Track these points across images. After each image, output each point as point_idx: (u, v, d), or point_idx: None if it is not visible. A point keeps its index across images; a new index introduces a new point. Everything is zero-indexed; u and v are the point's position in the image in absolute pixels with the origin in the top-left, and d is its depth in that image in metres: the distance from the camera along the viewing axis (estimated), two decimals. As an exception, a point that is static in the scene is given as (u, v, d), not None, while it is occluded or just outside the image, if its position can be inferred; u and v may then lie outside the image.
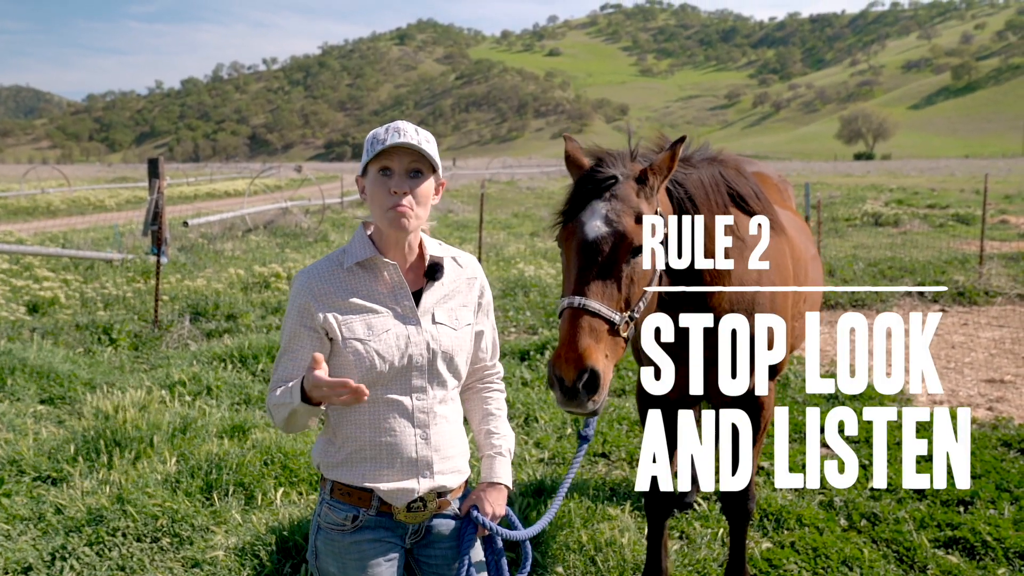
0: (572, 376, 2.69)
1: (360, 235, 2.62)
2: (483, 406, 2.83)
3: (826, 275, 13.41)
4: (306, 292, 2.53)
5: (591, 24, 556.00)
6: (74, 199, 33.60)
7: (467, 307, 2.69)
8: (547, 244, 18.49)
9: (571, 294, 2.84)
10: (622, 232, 2.94)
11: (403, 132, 2.50)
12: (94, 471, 5.48)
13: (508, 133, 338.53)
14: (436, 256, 2.66)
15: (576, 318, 2.77)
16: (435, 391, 2.59)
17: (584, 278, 2.85)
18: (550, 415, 6.82)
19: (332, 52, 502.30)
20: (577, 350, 2.72)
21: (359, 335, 2.50)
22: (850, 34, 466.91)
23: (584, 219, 2.96)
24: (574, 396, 2.73)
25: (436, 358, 2.57)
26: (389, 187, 2.48)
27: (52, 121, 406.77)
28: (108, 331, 9.32)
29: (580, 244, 2.92)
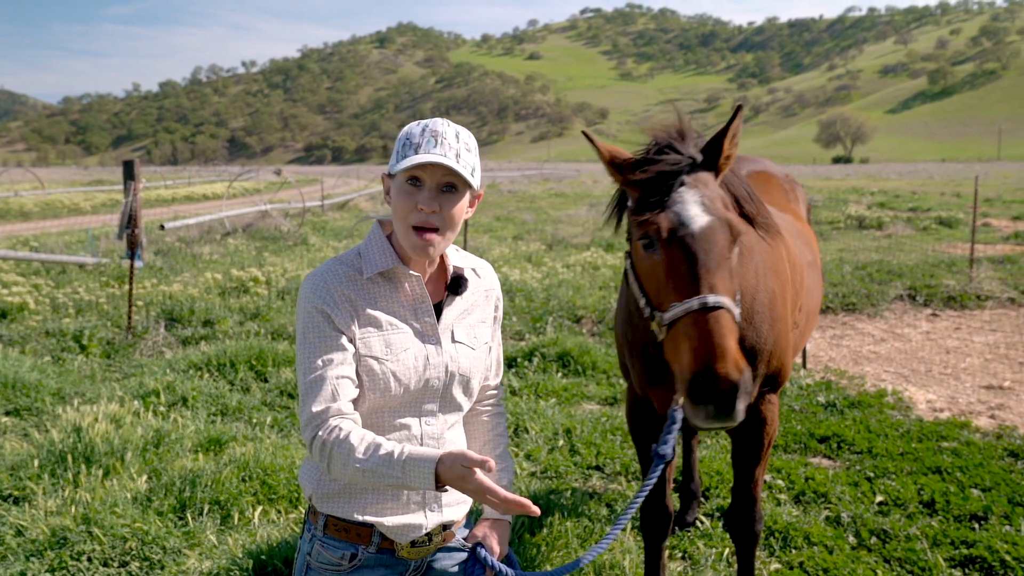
0: (737, 377, 2.37)
1: (378, 238, 2.30)
2: (486, 431, 2.56)
3: (815, 279, 13.22)
4: (324, 294, 2.20)
5: (571, 28, 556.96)
6: (48, 202, 33.00)
7: (485, 323, 2.42)
8: (531, 247, 18.24)
9: (700, 292, 2.50)
10: (725, 220, 2.66)
11: (440, 140, 2.17)
12: (59, 489, 5.17)
13: (489, 136, 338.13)
14: (459, 267, 2.38)
15: (721, 318, 2.46)
16: (446, 416, 2.32)
17: (707, 272, 2.53)
18: (541, 425, 6.55)
19: (312, 55, 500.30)
20: (733, 353, 2.42)
21: (376, 353, 2.20)
22: (828, 39, 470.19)
23: (680, 208, 2.64)
24: (731, 405, 2.40)
25: (453, 381, 2.30)
26: (416, 202, 2.17)
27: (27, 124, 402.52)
28: (78, 338, 8.96)
29: (688, 236, 2.58)
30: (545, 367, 8.31)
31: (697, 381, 2.41)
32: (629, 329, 3.44)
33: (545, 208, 31.80)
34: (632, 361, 3.50)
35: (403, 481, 2.03)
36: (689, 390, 2.44)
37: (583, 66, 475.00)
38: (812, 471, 5.65)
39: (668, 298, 2.58)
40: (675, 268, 2.58)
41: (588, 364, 8.34)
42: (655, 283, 2.66)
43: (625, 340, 3.52)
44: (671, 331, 2.55)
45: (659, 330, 2.61)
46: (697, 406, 2.44)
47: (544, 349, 8.59)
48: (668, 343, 2.58)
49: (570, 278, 13.60)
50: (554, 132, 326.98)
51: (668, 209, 2.65)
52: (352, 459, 2.07)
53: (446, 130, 2.21)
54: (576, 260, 15.60)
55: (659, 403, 3.50)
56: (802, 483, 5.47)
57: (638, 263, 2.76)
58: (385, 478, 2.05)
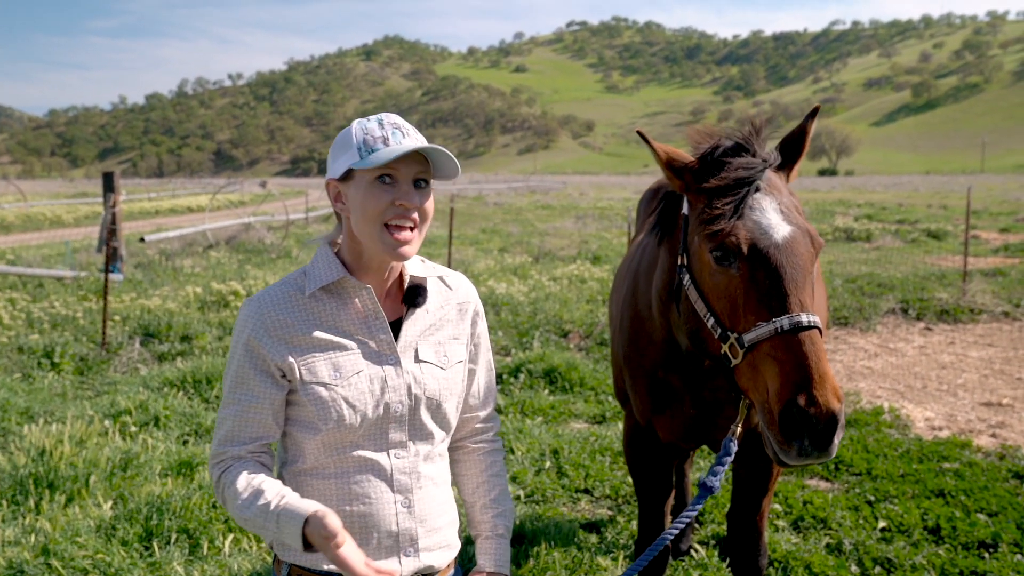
0: (838, 408, 2.11)
1: (325, 253, 2.07)
2: (479, 471, 2.29)
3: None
4: (255, 324, 1.99)
5: (557, 41, 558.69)
6: (29, 214, 32.61)
7: (458, 339, 2.17)
8: (516, 260, 18.01)
9: (790, 310, 2.23)
10: (806, 230, 2.39)
11: (407, 132, 1.98)
12: (20, 517, 4.89)
13: (475, 149, 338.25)
14: (418, 276, 2.13)
15: (815, 338, 2.18)
16: (418, 446, 2.07)
17: (796, 288, 2.27)
18: (527, 446, 6.31)
19: (298, 68, 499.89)
20: (832, 379, 2.15)
21: (323, 378, 1.98)
22: (812, 52, 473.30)
23: (759, 217, 2.37)
24: (828, 440, 2.12)
25: (419, 406, 2.05)
26: (393, 199, 1.94)
27: (13, 136, 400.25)
28: (50, 354, 8.67)
29: (772, 248, 2.31)
30: (532, 384, 8.07)
31: (790, 413, 2.13)
32: (633, 351, 3.18)
33: (531, 220, 31.61)
34: (635, 386, 3.24)
35: (279, 538, 1.85)
36: (781, 423, 2.15)
37: (569, 79, 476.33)
38: (810, 494, 5.43)
39: (748, 317, 2.29)
40: (758, 284, 2.30)
41: (576, 380, 8.10)
42: (729, 301, 2.36)
43: (627, 364, 3.26)
44: (751, 355, 2.26)
45: (733, 353, 2.32)
46: (789, 442, 2.15)
47: (531, 365, 8.35)
48: (746, 368, 2.29)
49: (557, 291, 13.38)
50: (540, 144, 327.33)
51: (746, 218, 2.37)
52: (235, 507, 1.90)
53: (405, 122, 2.01)
54: (563, 273, 15.38)
55: (665, 431, 3.25)
56: (800, 507, 5.24)
57: (706, 278, 2.45)
58: (264, 531, 1.87)
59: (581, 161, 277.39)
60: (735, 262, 2.36)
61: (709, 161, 2.53)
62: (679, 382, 3.05)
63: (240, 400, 2.00)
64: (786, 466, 2.25)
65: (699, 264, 2.49)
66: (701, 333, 2.50)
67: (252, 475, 1.95)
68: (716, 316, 2.41)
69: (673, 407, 3.13)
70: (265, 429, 2.02)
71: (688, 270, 2.57)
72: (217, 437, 2.02)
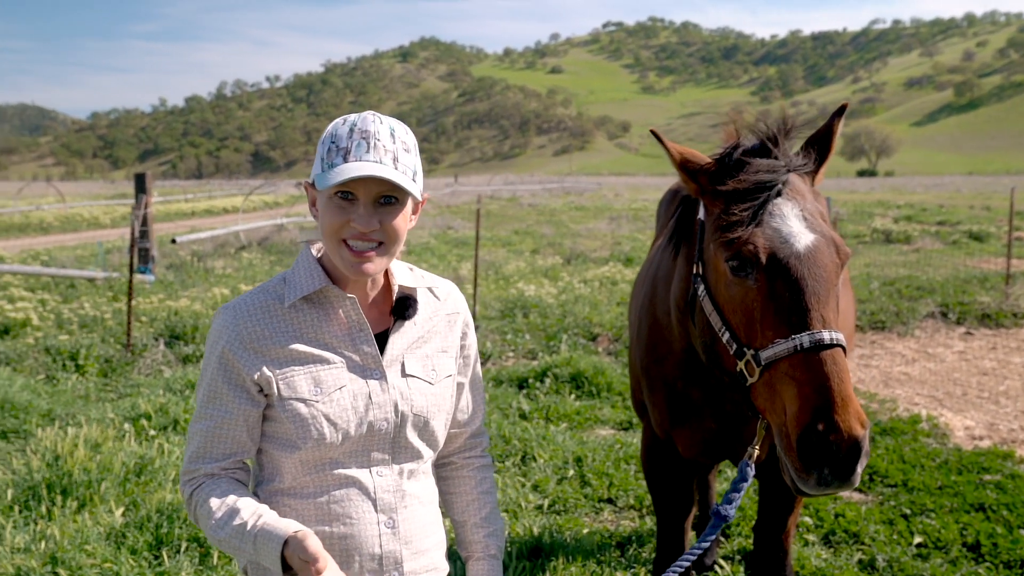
0: (861, 434, 1.94)
1: (306, 259, 1.94)
2: (469, 488, 2.15)
3: (841, 295, 12.73)
4: (230, 336, 1.86)
5: (593, 42, 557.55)
6: (68, 216, 33.02)
7: (447, 352, 2.03)
8: (548, 261, 17.83)
9: (811, 326, 2.05)
10: (831, 239, 2.21)
11: (372, 143, 1.79)
12: (32, 522, 4.82)
13: (511, 150, 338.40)
14: (407, 287, 1.99)
15: (838, 358, 2.02)
16: (404, 464, 1.94)
17: (818, 302, 2.09)
18: (550, 453, 6.15)
19: (335, 69, 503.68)
20: (855, 403, 1.98)
21: (302, 393, 1.85)
22: (852, 51, 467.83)
23: (780, 224, 2.20)
24: (850, 469, 1.95)
25: (406, 423, 1.92)
26: (349, 219, 1.80)
27: (56, 139, 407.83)
28: (75, 356, 8.65)
29: (793, 258, 2.14)
30: (558, 388, 7.91)
31: (809, 439, 1.96)
32: (652, 361, 3.01)
33: (565, 222, 31.41)
34: (653, 398, 3.07)
35: (256, 559, 1.73)
36: (798, 449, 1.98)
37: (605, 80, 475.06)
38: (842, 507, 5.21)
39: (766, 333, 2.12)
40: (777, 297, 2.12)
41: (603, 385, 7.92)
42: (746, 314, 2.19)
43: (645, 374, 3.08)
44: (768, 374, 2.09)
45: (749, 371, 2.15)
46: (808, 470, 1.98)
47: (557, 369, 8.19)
48: (762, 388, 2.12)
49: (587, 294, 13.19)
50: (576, 145, 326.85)
51: (766, 225, 2.19)
52: (208, 527, 1.78)
53: (379, 128, 1.82)
54: (594, 275, 15.19)
55: (684, 446, 3.07)
56: (832, 520, 5.03)
57: (721, 289, 2.28)
58: (240, 553, 1.76)
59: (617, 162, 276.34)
60: (752, 272, 2.18)
61: (727, 163, 2.35)
62: (699, 395, 2.88)
63: (212, 415, 1.87)
64: (804, 495, 2.07)
65: (714, 274, 2.32)
66: (716, 347, 2.32)
67: (226, 493, 1.83)
68: (732, 330, 2.24)
69: (693, 421, 2.95)
70: (239, 446, 1.89)
71: (703, 280, 2.39)
72: (188, 453, 1.90)
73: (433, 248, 21.04)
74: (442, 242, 22.84)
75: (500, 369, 8.75)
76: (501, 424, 6.70)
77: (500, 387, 8.06)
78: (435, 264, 17.59)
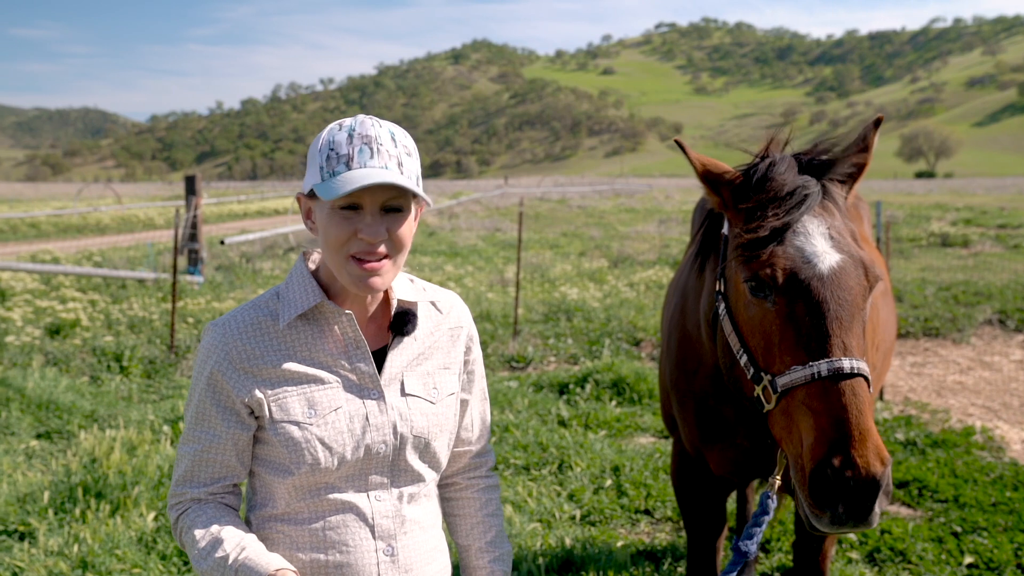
0: (880, 471, 1.81)
1: (300, 273, 1.85)
2: (474, 511, 2.05)
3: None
4: (219, 356, 1.78)
5: (645, 43, 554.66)
6: (124, 217, 33.67)
7: (449, 369, 1.93)
8: (594, 264, 17.68)
9: (831, 353, 1.93)
10: (860, 260, 2.08)
11: (376, 149, 1.69)
12: (66, 525, 4.84)
13: (561, 151, 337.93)
14: (407, 301, 1.89)
15: (858, 389, 1.89)
16: (403, 488, 1.84)
17: (840, 328, 1.97)
18: (587, 461, 6.03)
19: (388, 72, 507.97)
20: (875, 437, 1.84)
21: (296, 416, 1.76)
22: (911, 51, 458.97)
23: (803, 243, 2.08)
24: (867, 508, 1.82)
25: (405, 445, 1.82)
26: (356, 231, 1.70)
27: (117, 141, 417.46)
28: (119, 357, 8.74)
29: (816, 280, 2.02)
30: (598, 395, 7.78)
31: (823, 474, 1.84)
32: (681, 376, 2.88)
33: (614, 224, 31.19)
34: (683, 414, 2.94)
35: None
36: (811, 485, 1.86)
37: (657, 81, 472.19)
38: (889, 522, 5.02)
39: (783, 358, 2.00)
40: (796, 320, 2.01)
41: (644, 392, 7.78)
42: (764, 337, 2.08)
43: (675, 388, 2.96)
44: (785, 401, 1.97)
45: (766, 397, 2.04)
46: (821, 507, 1.85)
47: (598, 375, 8.06)
48: (779, 416, 2.00)
49: (632, 297, 13.03)
50: (627, 147, 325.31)
51: (787, 243, 2.07)
52: (192, 556, 1.72)
53: (379, 132, 1.72)
54: (640, 278, 15.01)
55: (716, 464, 2.94)
56: (877, 537, 4.84)
57: (740, 310, 2.17)
58: None
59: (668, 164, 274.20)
60: (771, 294, 2.06)
61: (752, 176, 2.22)
62: (732, 412, 2.75)
63: (200, 438, 1.80)
64: (819, 532, 1.94)
65: (735, 293, 2.20)
66: (735, 370, 2.20)
67: (211, 521, 1.76)
68: (750, 353, 2.12)
69: (725, 439, 2.82)
70: (228, 470, 1.81)
71: (724, 298, 2.27)
72: (175, 476, 1.82)
73: (480, 250, 21.01)
74: (489, 244, 22.80)
75: (541, 374, 8.65)
76: (539, 431, 6.60)
77: (540, 392, 7.96)
78: (481, 266, 17.55)
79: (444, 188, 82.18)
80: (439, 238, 24.57)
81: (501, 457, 6.08)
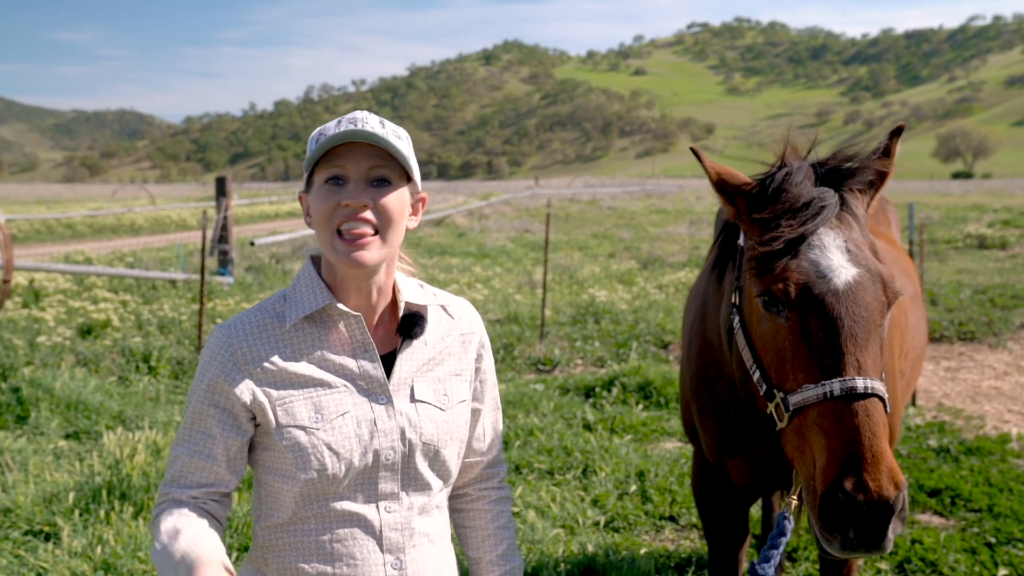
0: (893, 496, 1.75)
1: (308, 275, 1.82)
2: (485, 523, 2.00)
3: (928, 304, 12.21)
4: (224, 359, 1.74)
5: (677, 43, 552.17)
6: (157, 217, 34.06)
7: (461, 376, 1.89)
8: (623, 266, 17.58)
9: (844, 372, 1.86)
10: (878, 274, 2.01)
11: (363, 123, 1.70)
12: (89, 526, 4.86)
13: (593, 152, 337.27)
14: (415, 304, 1.85)
15: (872, 409, 1.82)
16: (412, 498, 1.80)
17: (854, 346, 1.90)
18: (612, 467, 5.96)
19: (419, 73, 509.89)
20: (888, 461, 1.77)
21: (301, 420, 1.72)
22: (948, 49, 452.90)
23: (817, 256, 2.01)
24: (879, 534, 1.76)
25: (414, 453, 1.78)
26: (340, 200, 1.69)
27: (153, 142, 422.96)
28: (147, 358, 8.80)
29: (830, 295, 1.95)
30: (624, 398, 7.71)
31: (834, 497, 1.77)
32: (701, 384, 2.82)
33: (644, 225, 31.04)
34: (704, 423, 2.88)
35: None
36: (821, 508, 1.80)
37: (689, 81, 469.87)
38: (920, 532, 4.91)
39: (796, 376, 1.95)
40: (809, 337, 1.94)
41: (671, 396, 7.70)
42: (777, 353, 2.02)
43: (695, 396, 2.90)
44: (797, 420, 1.91)
45: (779, 416, 1.98)
46: (831, 531, 1.79)
47: (624, 378, 7.99)
48: (792, 435, 1.95)
49: (661, 300, 12.94)
50: (659, 148, 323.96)
51: (801, 257, 2.00)
52: (154, 525, 1.67)
53: (367, 116, 1.73)
54: (670, 280, 14.90)
55: (738, 475, 2.87)
56: (907, 547, 4.73)
57: (754, 324, 2.11)
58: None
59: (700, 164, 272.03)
60: (784, 309, 1.99)
61: (768, 186, 2.15)
62: (754, 422, 2.67)
63: (194, 440, 1.75)
64: (830, 556, 1.87)
65: (749, 306, 2.14)
66: (748, 385, 2.14)
67: (179, 517, 1.66)
68: (763, 369, 2.05)
69: (746, 449, 2.75)
70: (216, 477, 1.76)
71: (739, 311, 2.20)
72: (166, 475, 1.78)
73: (509, 251, 20.98)
74: (519, 245, 22.77)
75: (567, 377, 8.59)
76: (564, 435, 6.55)
77: (566, 396, 7.90)
78: (510, 268, 17.52)
79: (474, 189, 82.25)
80: (468, 239, 24.58)
81: (525, 461, 6.04)
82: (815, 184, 2.11)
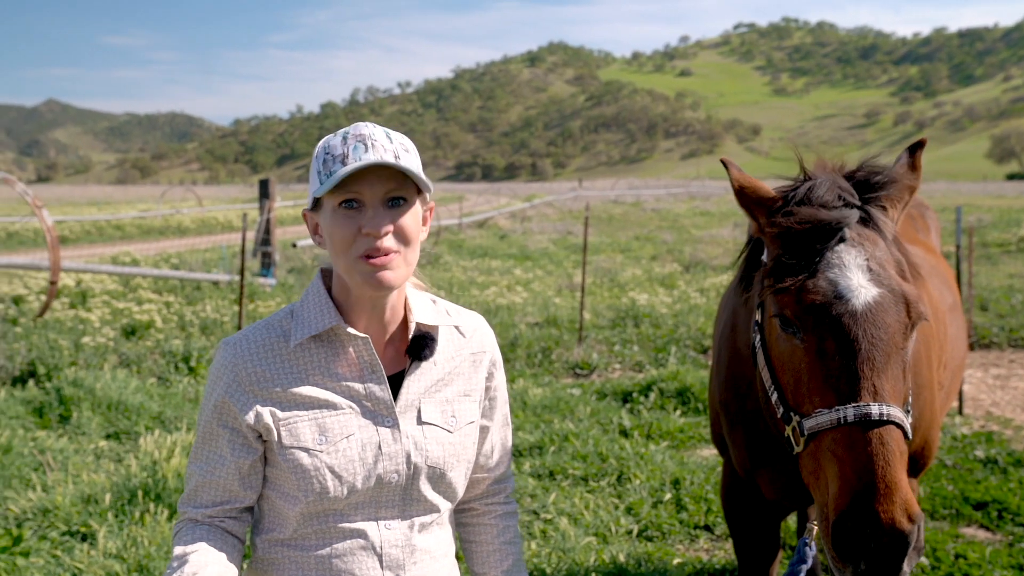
0: (907, 528, 1.69)
1: (316, 292, 1.78)
2: (491, 538, 1.97)
3: (978, 309, 11.91)
4: (229, 379, 1.72)
5: (724, 44, 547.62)
6: (204, 219, 34.53)
7: (470, 396, 1.85)
8: (666, 269, 17.42)
9: (859, 397, 1.80)
10: (901, 294, 1.93)
11: (370, 144, 1.65)
12: (124, 528, 4.91)
13: (637, 154, 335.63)
14: (426, 324, 1.81)
15: (887, 437, 1.76)
16: (415, 518, 1.77)
17: (871, 370, 1.83)
18: (647, 474, 5.89)
19: (464, 75, 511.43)
20: (903, 491, 1.71)
21: (305, 442, 1.69)
22: (1003, 48, 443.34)
23: (836, 275, 1.93)
24: (894, 567, 1.69)
25: (419, 476, 1.75)
26: (360, 227, 1.64)
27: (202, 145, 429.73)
28: (187, 359, 8.90)
29: (847, 316, 1.88)
30: (662, 404, 7.63)
31: (845, 526, 1.71)
32: (731, 395, 2.76)
33: (687, 227, 30.80)
34: (733, 436, 2.81)
35: None
36: (833, 537, 1.74)
37: (735, 82, 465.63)
38: (964, 546, 4.77)
39: (812, 399, 1.89)
40: (825, 360, 1.88)
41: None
42: (794, 375, 1.95)
43: (724, 408, 2.83)
44: (813, 445, 1.85)
45: (795, 439, 1.92)
46: (843, 561, 1.73)
47: (662, 384, 7.90)
48: (807, 459, 1.89)
49: (702, 303, 12.80)
50: (704, 149, 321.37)
51: (819, 275, 1.94)
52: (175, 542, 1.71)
53: (373, 131, 1.68)
54: (711, 284, 14.74)
55: (768, 489, 2.80)
56: (951, 561, 4.60)
57: (772, 344, 2.05)
58: None
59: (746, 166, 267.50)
60: (800, 330, 1.92)
61: (790, 200, 2.08)
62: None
63: (207, 458, 1.75)
64: None
65: (768, 325, 2.07)
66: (769, 407, 2.07)
67: (191, 542, 1.69)
68: (780, 391, 1.99)
69: (776, 463, 2.67)
70: (230, 494, 1.75)
71: (760, 330, 2.13)
72: (184, 492, 1.78)
73: (551, 254, 20.93)
74: (560, 247, 22.70)
75: (605, 382, 8.52)
76: (599, 440, 6.48)
77: (603, 401, 7.83)
78: (551, 270, 17.46)
79: (518, 191, 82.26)
80: (510, 241, 24.57)
81: (559, 467, 5.98)
82: (839, 198, 2.04)
